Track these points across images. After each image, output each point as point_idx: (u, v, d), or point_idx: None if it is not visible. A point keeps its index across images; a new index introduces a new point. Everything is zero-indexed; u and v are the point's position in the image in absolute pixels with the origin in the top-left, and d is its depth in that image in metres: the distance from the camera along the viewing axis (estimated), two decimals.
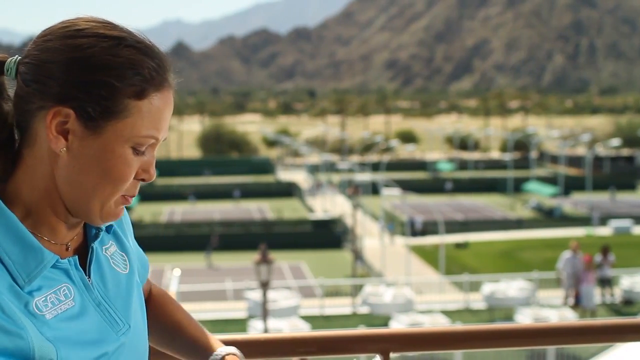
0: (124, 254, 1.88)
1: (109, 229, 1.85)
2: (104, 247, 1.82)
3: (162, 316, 2.07)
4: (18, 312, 1.54)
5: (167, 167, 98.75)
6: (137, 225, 56.83)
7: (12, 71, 1.67)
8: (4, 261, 1.58)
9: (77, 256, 1.73)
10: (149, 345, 1.93)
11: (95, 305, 1.71)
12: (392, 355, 2.46)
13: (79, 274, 1.71)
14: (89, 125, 1.59)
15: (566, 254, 26.91)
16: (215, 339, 2.04)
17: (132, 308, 1.82)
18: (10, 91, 1.70)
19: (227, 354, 1.95)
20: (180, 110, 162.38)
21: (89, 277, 1.73)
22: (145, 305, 2.04)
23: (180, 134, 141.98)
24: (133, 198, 1.74)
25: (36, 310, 1.58)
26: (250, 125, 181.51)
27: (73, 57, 1.60)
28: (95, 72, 1.59)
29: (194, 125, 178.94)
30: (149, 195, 75.06)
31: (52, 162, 1.62)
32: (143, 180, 1.68)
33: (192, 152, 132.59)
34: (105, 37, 1.62)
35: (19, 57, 1.67)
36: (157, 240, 51.33)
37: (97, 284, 1.74)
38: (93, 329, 1.68)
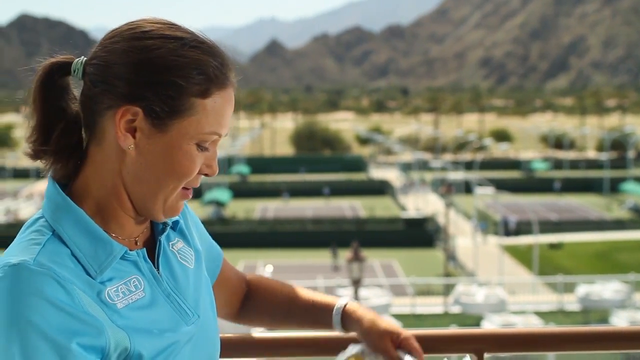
0: (190, 250, 1.92)
1: (175, 226, 1.90)
2: (170, 243, 1.86)
3: (271, 295, 2.17)
4: (92, 301, 1.61)
5: (260, 164, 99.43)
6: (230, 222, 57.46)
7: (79, 72, 1.72)
8: (75, 254, 1.65)
9: (145, 248, 1.78)
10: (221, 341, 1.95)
11: (165, 297, 1.76)
12: (486, 355, 2.47)
13: (147, 265, 1.76)
14: (156, 124, 1.66)
15: None
16: (327, 296, 2.15)
17: (201, 301, 1.86)
18: (76, 91, 1.76)
19: (346, 304, 2.08)
20: (273, 108, 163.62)
21: (158, 269, 1.78)
22: (250, 292, 2.19)
23: (274, 132, 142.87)
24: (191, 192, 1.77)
25: (108, 299, 1.64)
26: (343, 123, 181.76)
27: (141, 59, 1.66)
28: (163, 72, 1.66)
29: (287, 123, 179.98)
30: (242, 191, 75.78)
31: (120, 160, 1.69)
32: (206, 175, 1.74)
33: (285, 149, 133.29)
34: (170, 38, 1.68)
35: (85, 58, 1.73)
36: (250, 237, 51.75)
37: (166, 276, 1.79)
38: (163, 318, 1.73)
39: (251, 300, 2.15)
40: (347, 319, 2.08)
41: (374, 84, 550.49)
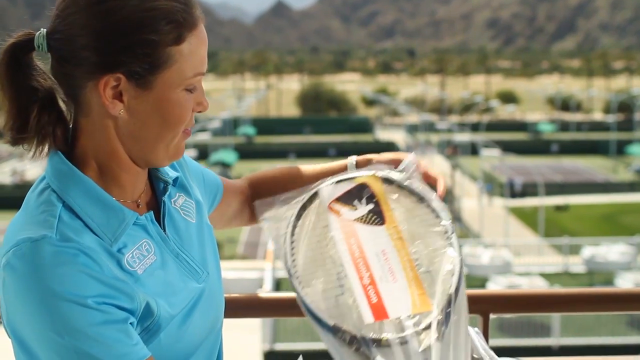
0: (192, 202, 1.93)
1: (175, 182, 1.90)
2: (172, 200, 1.87)
3: (274, 183, 2.24)
4: (118, 270, 1.63)
5: (266, 126, 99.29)
6: None
7: (44, 46, 1.68)
8: (89, 225, 1.65)
9: (152, 212, 1.79)
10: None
11: (174, 257, 1.78)
12: (491, 316, 2.48)
13: (155, 228, 1.77)
14: (140, 83, 1.64)
15: None
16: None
17: (208, 257, 1.88)
18: (42, 64, 1.72)
19: (356, 159, 2.15)
20: (279, 69, 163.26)
21: (164, 230, 1.79)
22: (255, 191, 2.25)
23: (280, 93, 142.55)
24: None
25: (128, 267, 1.66)
26: (349, 85, 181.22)
27: (105, 25, 1.62)
28: (133, 33, 1.63)
29: (293, 84, 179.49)
30: (248, 153, 75.71)
31: (113, 125, 1.68)
32: (199, 111, 1.75)
33: (291, 110, 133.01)
34: None
35: (46, 31, 1.69)
36: None
37: (173, 236, 1.80)
38: (176, 279, 1.75)
39: (259, 197, 2.13)
40: (362, 162, 2.12)
41: (380, 45, 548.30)
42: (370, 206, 1.94)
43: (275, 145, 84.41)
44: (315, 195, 1.97)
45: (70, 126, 1.73)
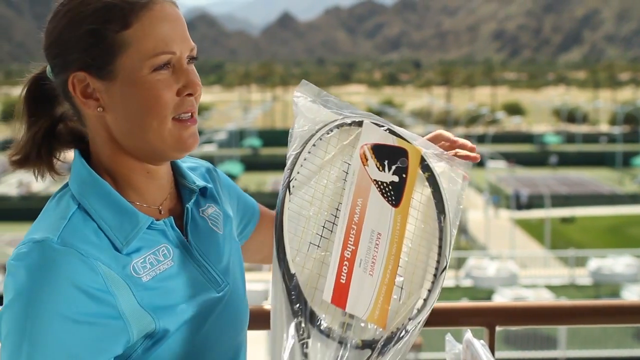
0: (220, 213, 1.93)
1: (205, 192, 1.90)
2: (200, 209, 1.87)
3: None
4: (115, 275, 1.63)
5: (272, 137, 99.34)
6: None
7: (51, 74, 1.78)
8: (102, 227, 1.67)
9: (172, 217, 1.79)
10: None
11: (195, 264, 1.78)
12: (497, 329, 2.48)
13: (175, 234, 1.77)
14: (103, 75, 1.68)
15: None
16: None
17: (231, 267, 1.87)
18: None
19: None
20: (285, 81, 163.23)
21: (187, 237, 1.79)
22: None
23: (286, 104, 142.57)
24: (194, 116, 1.75)
25: (133, 273, 1.66)
26: (356, 96, 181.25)
27: (58, 30, 1.70)
28: (76, 28, 1.67)
29: None
30: (254, 164, 75.76)
31: (103, 127, 1.72)
32: (190, 94, 1.72)
33: None
34: None
35: None
36: None
37: (195, 243, 1.80)
38: (192, 286, 1.74)
39: None
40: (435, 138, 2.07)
41: (386, 57, 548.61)
42: (395, 178, 1.82)
43: (281, 157, 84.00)
44: (358, 123, 1.84)
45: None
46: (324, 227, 1.73)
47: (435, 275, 1.80)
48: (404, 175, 1.82)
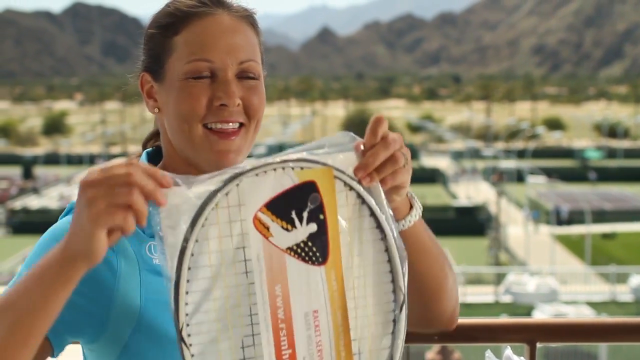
0: None
1: None
2: None
3: None
4: (130, 248, 1.70)
5: None
6: None
7: None
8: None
9: None
10: None
11: None
12: (538, 345, 2.46)
13: None
14: (156, 77, 1.79)
15: None
16: None
17: None
18: None
19: None
20: (324, 95, 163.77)
21: None
22: None
23: (325, 119, 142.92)
24: (231, 130, 1.73)
25: (147, 253, 1.71)
26: (395, 111, 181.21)
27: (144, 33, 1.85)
28: (146, 32, 1.82)
29: (338, 110, 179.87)
30: None
31: (162, 127, 1.83)
32: (223, 105, 1.72)
33: None
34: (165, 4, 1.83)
35: None
36: None
37: None
38: None
39: None
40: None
41: (426, 71, 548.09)
42: (313, 227, 1.45)
43: None
44: (235, 179, 1.44)
45: None
46: (243, 347, 1.41)
47: (394, 321, 1.50)
48: (321, 217, 1.45)
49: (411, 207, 1.73)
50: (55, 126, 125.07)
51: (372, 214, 1.50)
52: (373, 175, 1.51)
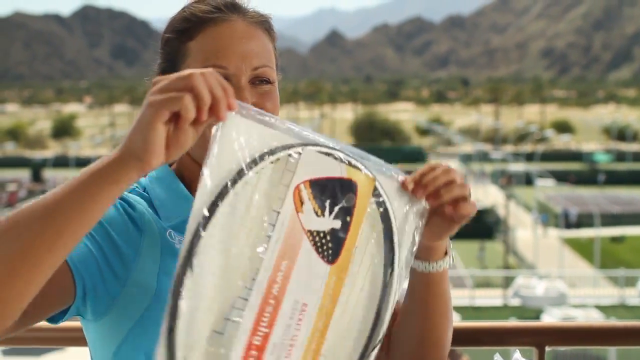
0: None
1: None
2: None
3: None
4: (156, 231, 1.74)
5: None
6: None
7: None
8: (153, 202, 1.79)
9: None
10: None
11: None
12: (547, 349, 2.45)
13: None
14: None
15: None
16: None
17: None
18: None
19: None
20: (333, 98, 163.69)
21: None
22: None
23: (333, 122, 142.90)
24: None
25: (169, 237, 1.75)
26: (403, 114, 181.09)
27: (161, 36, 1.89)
28: (162, 36, 1.86)
29: (347, 113, 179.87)
30: None
31: None
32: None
33: (344, 140, 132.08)
34: (182, 9, 1.86)
35: None
36: None
37: None
38: None
39: None
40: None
41: (434, 74, 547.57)
42: (337, 224, 1.45)
43: None
44: (296, 152, 1.46)
45: None
46: (233, 307, 1.37)
47: (363, 356, 1.46)
48: (347, 219, 1.45)
49: (446, 253, 1.79)
50: (64, 129, 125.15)
51: (390, 233, 1.50)
52: (426, 189, 1.64)
